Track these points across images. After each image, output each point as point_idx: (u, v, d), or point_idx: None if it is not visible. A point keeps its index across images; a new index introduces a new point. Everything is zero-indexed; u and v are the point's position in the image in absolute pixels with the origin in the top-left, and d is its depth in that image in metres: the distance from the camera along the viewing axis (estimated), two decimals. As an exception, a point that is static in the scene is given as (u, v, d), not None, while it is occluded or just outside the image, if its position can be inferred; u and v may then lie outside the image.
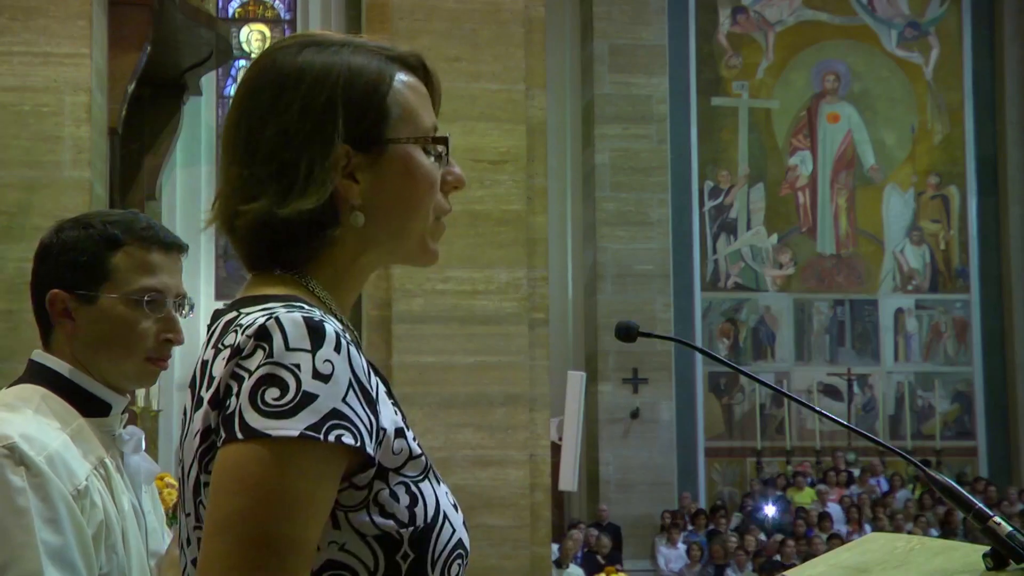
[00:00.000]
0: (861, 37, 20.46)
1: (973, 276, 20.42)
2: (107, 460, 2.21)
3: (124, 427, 2.34)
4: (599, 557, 14.35)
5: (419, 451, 1.48)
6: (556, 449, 9.21)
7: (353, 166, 1.58)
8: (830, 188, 20.27)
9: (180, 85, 12.97)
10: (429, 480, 1.48)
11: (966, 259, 20.44)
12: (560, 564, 12.82)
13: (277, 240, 1.55)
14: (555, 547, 11.82)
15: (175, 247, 2.33)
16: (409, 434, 1.48)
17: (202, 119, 15.95)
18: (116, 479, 2.21)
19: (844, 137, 20.35)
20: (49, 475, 2.06)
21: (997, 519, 1.44)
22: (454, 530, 1.49)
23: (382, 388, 1.48)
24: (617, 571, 8.46)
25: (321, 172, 1.54)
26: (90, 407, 2.26)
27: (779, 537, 15.26)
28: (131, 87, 10.72)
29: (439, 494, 1.48)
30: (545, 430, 8.83)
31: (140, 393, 9.45)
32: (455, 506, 1.52)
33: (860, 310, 20.15)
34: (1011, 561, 1.42)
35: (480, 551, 8.20)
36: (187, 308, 2.35)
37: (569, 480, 9.96)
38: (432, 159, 1.69)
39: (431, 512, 1.45)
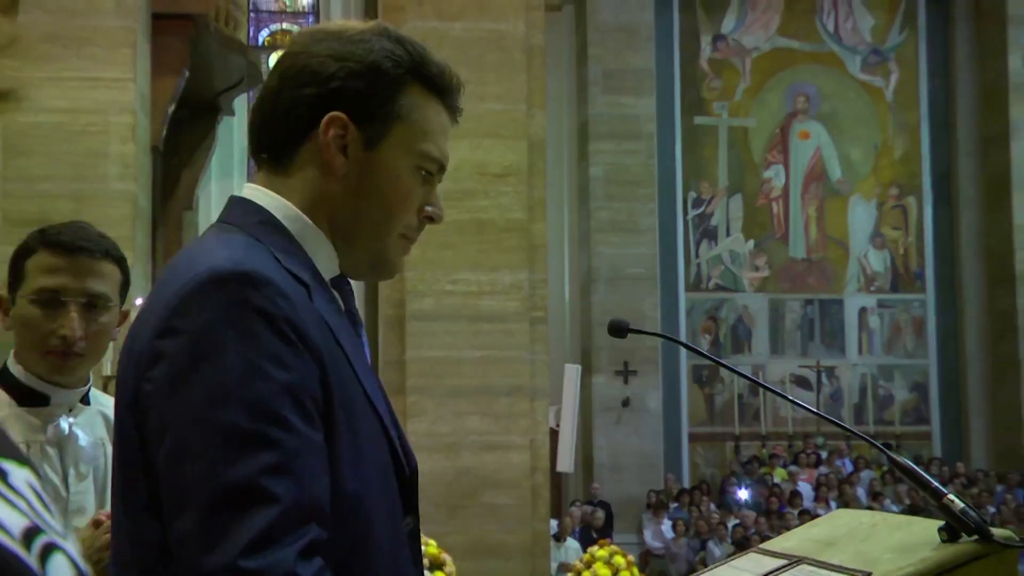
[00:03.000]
0: (828, 62, 20.45)
1: (929, 278, 20.41)
2: (23, 445, 2.20)
3: (73, 414, 2.32)
4: (593, 532, 14.33)
5: None
6: (554, 435, 9.20)
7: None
8: (801, 199, 20.26)
9: (215, 107, 12.95)
10: None
11: (923, 263, 20.43)
12: (558, 538, 12.80)
13: None
14: (554, 523, 11.80)
15: (81, 250, 2.28)
16: None
17: (235, 137, 15.92)
18: (36, 461, 2.17)
19: (814, 153, 20.33)
20: None
21: (951, 497, 1.44)
22: None
23: None
24: (609, 543, 8.39)
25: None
26: (28, 397, 2.27)
27: (754, 514, 15.22)
28: (171, 108, 10.70)
29: None
30: (544, 418, 8.82)
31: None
32: None
33: (828, 309, 20.14)
34: (963, 534, 1.42)
35: (485, 527, 8.19)
36: (114, 308, 2.31)
37: (566, 463, 9.92)
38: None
39: None
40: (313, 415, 1.41)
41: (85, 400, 2.35)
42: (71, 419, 2.32)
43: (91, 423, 2.34)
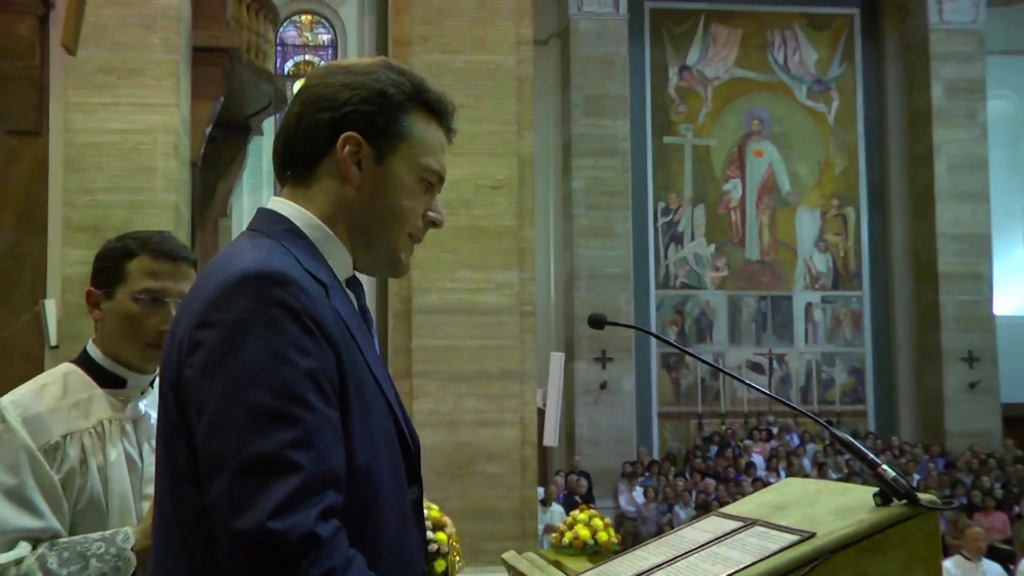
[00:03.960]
0: (779, 91, 20.46)
1: (865, 277, 20.43)
2: (108, 422, 2.21)
3: (145, 396, 2.32)
4: (575, 497, 14.33)
5: None
6: (541, 413, 9.20)
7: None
8: (755, 208, 20.26)
9: (246, 127, 12.96)
10: None
11: (859, 264, 20.45)
12: (545, 503, 12.80)
13: None
14: (541, 490, 11.81)
15: (182, 259, 2.31)
16: None
17: (263, 154, 15.86)
18: (113, 436, 2.21)
19: (766, 168, 20.34)
20: (18, 431, 2.08)
21: (884, 466, 1.44)
22: None
23: None
24: (589, 507, 8.38)
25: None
26: (108, 380, 2.27)
27: (714, 482, 15.24)
28: (208, 129, 10.71)
29: None
30: (532, 398, 8.82)
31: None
32: None
33: (779, 304, 20.15)
34: (894, 499, 1.42)
35: (481, 493, 8.19)
36: None
37: (551, 437, 9.93)
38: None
39: None
40: (331, 397, 1.41)
41: (151, 384, 2.35)
42: (144, 400, 2.32)
43: (154, 402, 2.34)
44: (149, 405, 2.32)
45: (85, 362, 2.29)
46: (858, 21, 20.76)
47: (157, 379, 2.34)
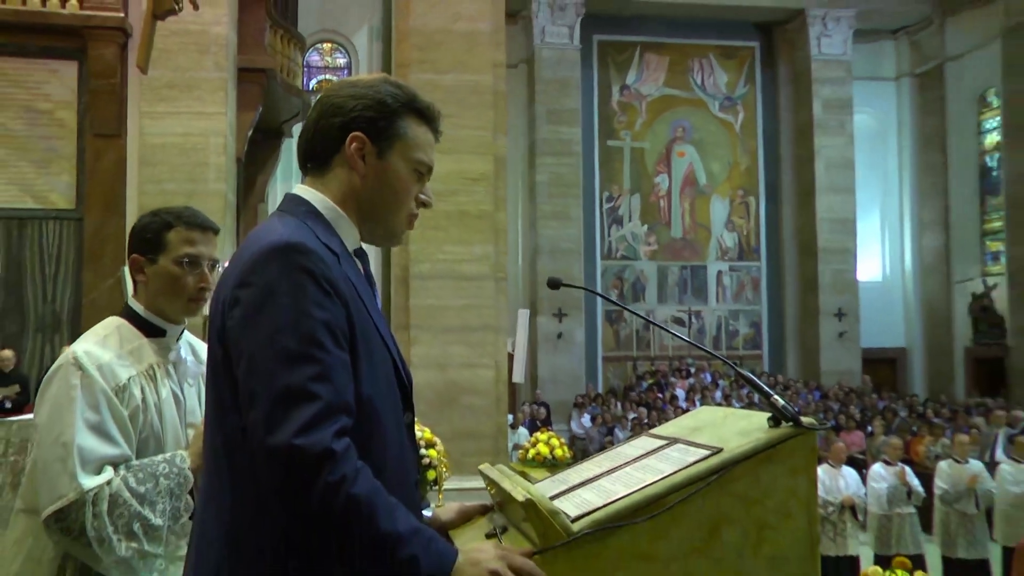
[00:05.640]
0: (697, 105, 20.47)
1: (762, 252, 20.58)
2: (155, 365, 2.17)
3: (179, 342, 2.27)
4: (537, 422, 14.40)
5: None
6: (511, 358, 9.17)
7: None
8: (679, 197, 20.32)
9: (280, 131, 12.86)
10: None
11: (758, 241, 20.59)
12: (513, 427, 12.86)
13: None
14: (510, 417, 11.85)
15: (209, 228, 2.25)
16: None
17: (292, 152, 15.62)
18: (160, 378, 2.16)
19: (687, 166, 20.38)
20: (95, 377, 2.04)
21: (775, 397, 1.43)
22: None
23: None
24: (548, 430, 8.41)
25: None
26: (151, 331, 2.21)
27: (646, 410, 15.35)
28: (250, 132, 10.65)
29: None
30: (504, 346, 8.80)
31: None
32: None
33: (696, 272, 20.26)
34: (783, 422, 1.42)
35: (463, 420, 8.19)
36: (219, 268, 2.23)
37: (519, 376, 9.92)
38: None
39: None
40: (342, 342, 1.40)
41: (182, 333, 2.31)
42: (181, 347, 2.27)
43: (186, 349, 2.30)
44: (184, 351, 2.28)
45: (131, 316, 2.22)
46: (758, 53, 20.77)
47: (186, 330, 2.32)
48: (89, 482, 1.96)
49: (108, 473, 1.99)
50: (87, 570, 2.04)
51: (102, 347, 2.12)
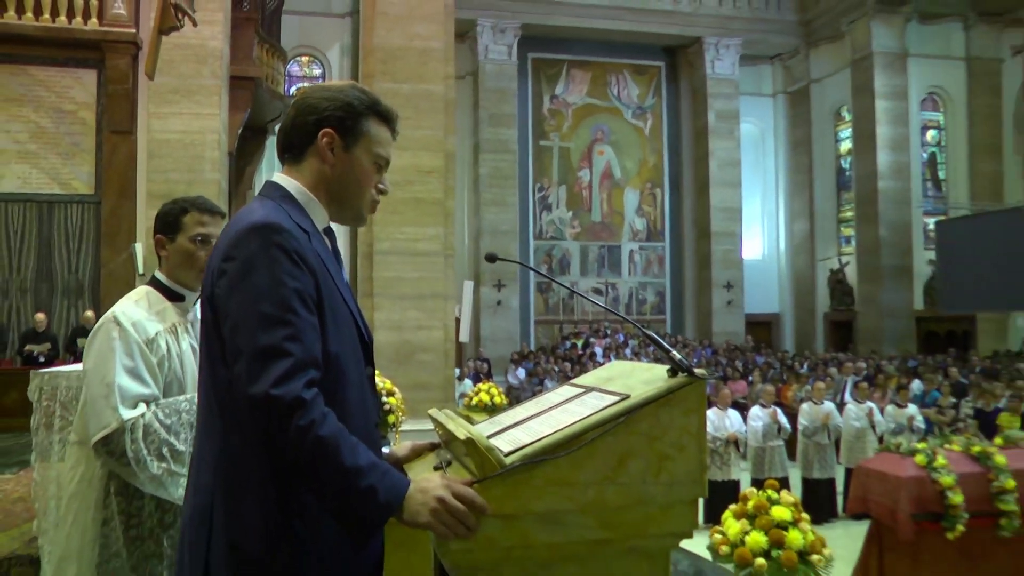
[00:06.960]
0: (614, 113, 20.51)
1: (667, 234, 20.80)
2: (177, 324, 2.20)
3: (194, 305, 2.29)
4: (480, 375, 14.41)
5: None
6: (457, 321, 9.16)
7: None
8: (599, 188, 20.39)
9: (265, 130, 12.64)
10: None
11: (663, 225, 20.80)
12: (460, 379, 12.84)
13: None
14: (457, 370, 11.83)
15: (217, 213, 2.28)
16: None
17: (275, 147, 15.43)
18: (181, 334, 2.19)
19: (605, 163, 20.45)
20: (130, 332, 2.09)
21: (674, 353, 1.44)
22: None
23: None
24: (489, 381, 8.44)
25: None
26: (173, 296, 2.24)
27: (570, 364, 15.46)
28: (240, 130, 10.53)
29: None
30: (453, 312, 8.80)
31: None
32: None
33: (613, 250, 20.41)
34: (680, 373, 1.43)
35: (419, 374, 8.18)
36: None
37: (465, 336, 9.93)
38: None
39: None
40: (311, 307, 1.38)
41: (198, 299, 2.29)
42: (196, 310, 2.29)
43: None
44: (199, 313, 2.28)
45: (157, 284, 2.25)
46: (664, 71, 20.87)
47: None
48: (128, 414, 2.02)
49: (142, 408, 2.05)
50: (127, 487, 2.09)
51: (135, 308, 2.15)
